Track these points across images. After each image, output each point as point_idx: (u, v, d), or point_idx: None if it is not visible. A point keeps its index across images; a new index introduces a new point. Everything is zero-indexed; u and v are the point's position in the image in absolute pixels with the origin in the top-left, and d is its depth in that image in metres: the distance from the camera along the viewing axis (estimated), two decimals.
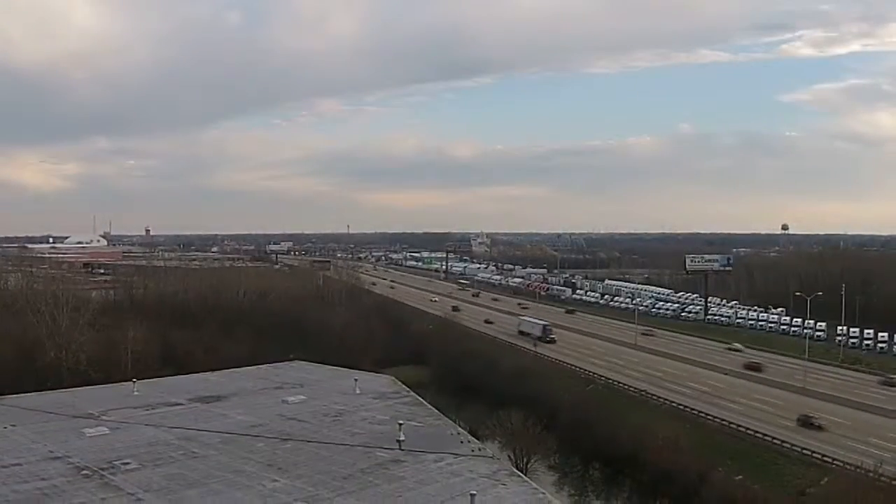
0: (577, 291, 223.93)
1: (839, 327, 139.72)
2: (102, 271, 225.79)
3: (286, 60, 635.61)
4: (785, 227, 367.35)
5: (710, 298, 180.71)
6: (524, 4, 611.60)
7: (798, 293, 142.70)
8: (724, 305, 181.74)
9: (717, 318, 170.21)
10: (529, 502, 41.69)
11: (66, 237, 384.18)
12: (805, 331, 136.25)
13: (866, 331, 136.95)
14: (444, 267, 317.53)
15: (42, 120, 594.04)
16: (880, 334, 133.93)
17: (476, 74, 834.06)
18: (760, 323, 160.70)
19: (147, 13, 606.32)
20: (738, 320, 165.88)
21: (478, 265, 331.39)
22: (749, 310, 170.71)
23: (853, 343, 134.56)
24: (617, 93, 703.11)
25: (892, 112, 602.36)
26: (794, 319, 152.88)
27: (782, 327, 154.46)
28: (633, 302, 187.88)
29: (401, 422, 54.26)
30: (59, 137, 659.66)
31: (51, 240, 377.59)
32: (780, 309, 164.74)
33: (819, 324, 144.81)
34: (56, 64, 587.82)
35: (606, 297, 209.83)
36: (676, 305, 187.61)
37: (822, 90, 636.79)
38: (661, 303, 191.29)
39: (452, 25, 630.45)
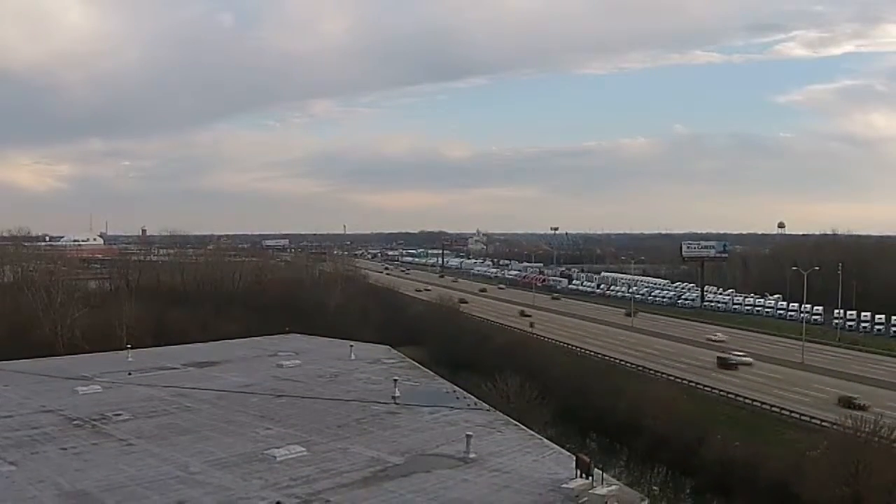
0: (574, 282, 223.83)
1: (836, 311, 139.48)
2: (99, 266, 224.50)
3: (279, 61, 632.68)
4: (781, 226, 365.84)
5: (706, 287, 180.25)
6: (517, 5, 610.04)
7: (795, 267, 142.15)
8: (720, 293, 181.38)
9: (713, 304, 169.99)
10: (526, 445, 41.46)
11: (62, 237, 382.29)
12: (802, 315, 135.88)
13: (863, 313, 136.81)
14: (440, 263, 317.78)
15: (36, 121, 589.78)
16: (877, 316, 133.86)
17: (469, 75, 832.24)
18: (757, 308, 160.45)
19: (139, 14, 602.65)
20: (734, 306, 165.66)
21: (473, 261, 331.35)
22: (745, 296, 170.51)
23: (850, 326, 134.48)
24: (610, 94, 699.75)
25: (885, 113, 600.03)
26: (791, 304, 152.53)
27: (779, 312, 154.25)
28: (630, 290, 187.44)
29: (396, 378, 54.19)
30: (54, 138, 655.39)
31: (47, 238, 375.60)
32: (776, 295, 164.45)
33: (816, 308, 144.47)
34: (49, 65, 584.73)
35: (602, 286, 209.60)
36: (672, 293, 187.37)
37: (815, 91, 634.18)
38: (658, 290, 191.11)
39: (445, 26, 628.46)
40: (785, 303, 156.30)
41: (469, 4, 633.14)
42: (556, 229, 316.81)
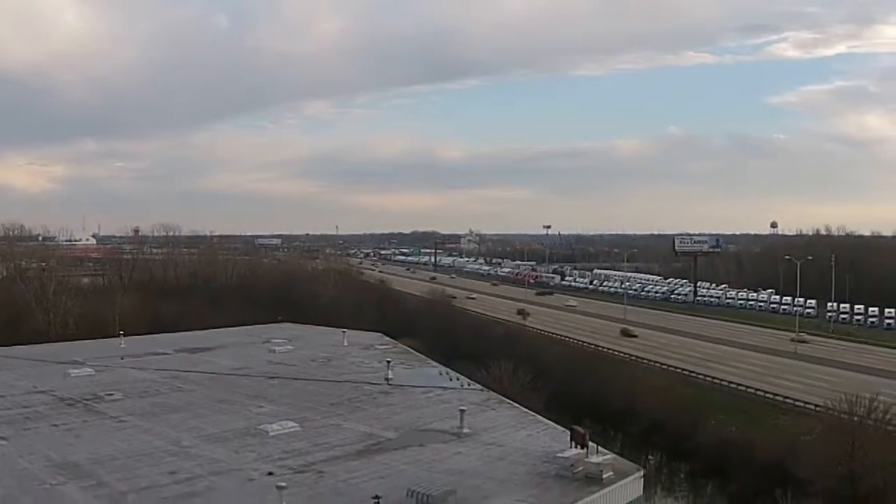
0: (566, 278, 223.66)
1: (829, 304, 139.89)
2: (92, 265, 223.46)
3: (274, 63, 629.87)
4: (774, 225, 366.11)
5: (699, 282, 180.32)
6: (511, 6, 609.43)
7: (788, 257, 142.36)
8: (713, 288, 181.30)
9: (706, 298, 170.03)
10: (521, 422, 41.31)
11: (55, 237, 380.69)
12: (795, 308, 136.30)
13: (856, 306, 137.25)
14: (433, 261, 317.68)
15: (29, 122, 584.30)
16: (870, 309, 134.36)
17: (464, 76, 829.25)
18: (750, 302, 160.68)
19: (134, 16, 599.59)
20: (727, 301, 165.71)
21: (466, 259, 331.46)
22: (738, 291, 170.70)
23: (843, 318, 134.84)
24: (604, 95, 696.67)
25: (879, 114, 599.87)
26: (784, 298, 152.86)
27: (772, 306, 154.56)
28: (623, 286, 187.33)
29: (389, 359, 53.99)
30: (47, 139, 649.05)
31: (40, 238, 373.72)
32: (769, 290, 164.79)
33: (809, 301, 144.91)
34: (44, 66, 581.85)
35: (595, 282, 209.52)
36: (665, 288, 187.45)
37: (809, 92, 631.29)
38: (651, 286, 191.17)
39: (440, 27, 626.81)
40: (778, 297, 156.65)
41: (464, 6, 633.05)
42: (548, 227, 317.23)
